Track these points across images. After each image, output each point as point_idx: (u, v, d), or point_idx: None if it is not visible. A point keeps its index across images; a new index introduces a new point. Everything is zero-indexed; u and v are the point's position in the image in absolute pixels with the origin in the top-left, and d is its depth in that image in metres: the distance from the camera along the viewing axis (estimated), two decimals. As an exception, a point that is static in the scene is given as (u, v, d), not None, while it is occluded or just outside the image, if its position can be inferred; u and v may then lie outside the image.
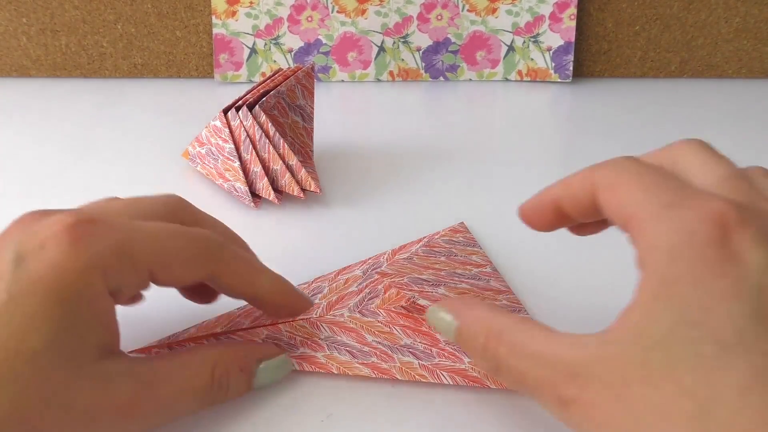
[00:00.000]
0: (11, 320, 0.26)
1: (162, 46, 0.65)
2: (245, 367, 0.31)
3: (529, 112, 0.63)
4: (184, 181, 0.50)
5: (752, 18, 0.65)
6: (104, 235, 0.28)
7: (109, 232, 0.28)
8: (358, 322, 0.35)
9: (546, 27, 0.65)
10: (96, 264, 0.27)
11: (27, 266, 0.27)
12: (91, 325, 0.27)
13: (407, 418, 0.31)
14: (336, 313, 0.36)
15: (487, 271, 0.39)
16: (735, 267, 0.24)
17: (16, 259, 0.27)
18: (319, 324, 0.35)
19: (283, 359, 0.32)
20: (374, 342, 0.34)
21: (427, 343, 0.34)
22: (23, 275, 0.27)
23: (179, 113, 0.60)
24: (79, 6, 0.63)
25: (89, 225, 0.28)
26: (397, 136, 0.57)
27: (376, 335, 0.34)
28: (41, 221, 0.28)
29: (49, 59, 0.65)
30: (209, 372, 0.30)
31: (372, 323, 0.35)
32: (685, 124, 0.60)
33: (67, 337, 0.26)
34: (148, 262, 0.29)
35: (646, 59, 0.67)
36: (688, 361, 0.23)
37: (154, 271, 0.29)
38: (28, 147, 0.55)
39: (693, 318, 0.23)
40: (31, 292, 0.26)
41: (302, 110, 0.50)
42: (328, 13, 0.64)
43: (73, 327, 0.27)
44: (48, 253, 0.27)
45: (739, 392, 0.22)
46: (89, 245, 0.27)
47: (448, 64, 0.66)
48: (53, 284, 0.27)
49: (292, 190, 0.47)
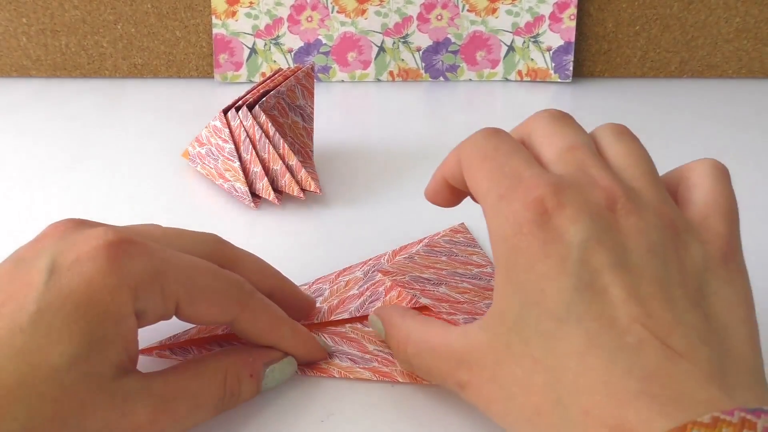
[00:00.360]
0: (36, 333, 0.26)
1: (162, 46, 0.65)
2: (254, 372, 0.31)
3: (529, 112, 0.62)
4: (184, 181, 0.50)
5: (752, 18, 0.65)
6: (141, 257, 0.28)
7: (146, 255, 0.28)
8: (359, 332, 0.35)
9: (546, 27, 0.65)
10: (129, 284, 0.27)
11: (60, 278, 0.27)
12: (114, 344, 0.27)
13: (407, 418, 0.31)
14: (338, 317, 0.36)
15: (488, 272, 0.39)
16: (557, 246, 0.26)
17: (50, 268, 0.27)
18: (321, 334, 0.35)
19: (288, 361, 0.32)
20: (375, 350, 0.34)
21: None
22: (55, 287, 0.26)
23: (179, 113, 0.60)
24: (79, 6, 0.63)
25: (128, 245, 0.28)
26: (397, 137, 0.57)
27: (378, 344, 0.35)
28: (81, 232, 0.28)
29: (49, 59, 0.65)
30: (221, 382, 0.30)
31: (373, 333, 0.35)
32: (685, 124, 0.60)
33: (90, 354, 0.26)
34: (178, 293, 0.29)
35: (646, 59, 0.67)
36: (536, 337, 0.26)
37: (180, 303, 0.29)
38: (28, 147, 0.55)
39: (533, 299, 0.26)
40: (60, 306, 0.26)
41: (302, 110, 0.50)
42: (328, 13, 0.64)
43: (96, 345, 0.26)
44: (83, 267, 0.27)
45: (578, 358, 0.24)
46: (125, 265, 0.27)
47: (448, 64, 0.66)
48: (83, 299, 0.26)
49: (292, 190, 0.47)
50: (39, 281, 0.26)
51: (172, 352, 0.34)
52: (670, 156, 0.56)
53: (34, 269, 0.27)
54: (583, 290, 0.25)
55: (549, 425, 0.25)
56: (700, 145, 0.56)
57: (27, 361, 0.25)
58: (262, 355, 0.32)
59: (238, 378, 0.30)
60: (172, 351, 0.34)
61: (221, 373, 0.30)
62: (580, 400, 0.24)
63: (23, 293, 0.26)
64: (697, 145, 0.56)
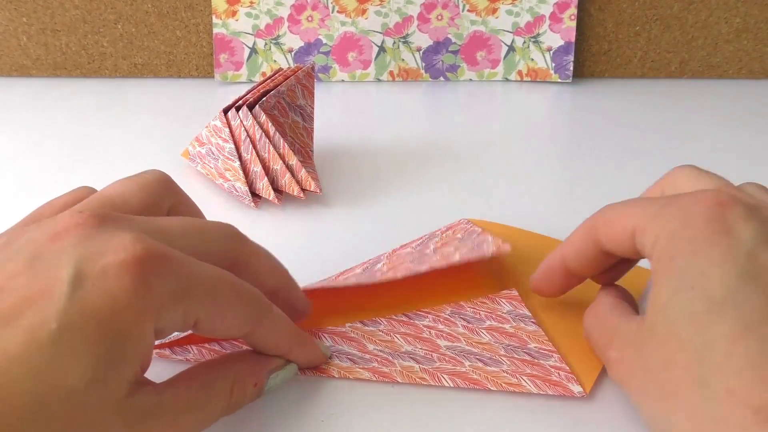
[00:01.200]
0: (56, 352, 0.24)
1: (162, 46, 0.65)
2: (259, 381, 0.31)
3: (530, 112, 0.63)
4: (184, 180, 0.50)
5: (752, 18, 0.65)
6: (168, 277, 0.27)
7: (173, 274, 0.27)
8: (359, 331, 0.35)
9: (546, 27, 0.65)
10: (154, 306, 0.26)
11: (84, 293, 0.25)
12: (132, 363, 0.26)
13: (407, 419, 0.31)
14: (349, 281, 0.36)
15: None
16: (727, 237, 0.27)
17: (73, 280, 0.25)
18: (321, 334, 0.35)
19: (290, 367, 0.32)
20: (375, 350, 0.34)
21: (428, 349, 0.34)
22: (78, 303, 0.25)
23: (179, 113, 0.60)
24: (79, 5, 0.63)
25: (156, 262, 0.27)
26: (397, 136, 0.57)
27: (377, 344, 0.35)
28: (108, 236, 0.27)
29: (49, 59, 0.65)
30: (228, 392, 0.30)
31: (373, 332, 0.35)
32: (686, 124, 0.60)
33: (107, 376, 0.25)
34: (199, 312, 0.28)
35: (647, 59, 0.67)
36: (683, 318, 0.27)
37: (199, 321, 0.28)
38: (28, 147, 0.55)
39: (689, 283, 0.27)
40: (83, 325, 0.25)
41: (302, 110, 0.50)
42: (328, 13, 0.64)
43: (115, 366, 0.25)
44: (108, 283, 0.26)
45: (731, 341, 0.25)
46: (152, 285, 0.26)
47: (448, 64, 0.66)
48: (107, 319, 0.25)
49: (292, 190, 0.47)
50: (61, 293, 0.25)
51: (172, 351, 0.34)
52: (670, 156, 0.56)
53: (55, 276, 0.25)
54: (748, 280, 0.26)
55: (689, 402, 0.26)
56: (701, 146, 0.56)
57: (44, 381, 0.24)
58: (267, 363, 0.32)
59: (243, 387, 0.30)
60: (171, 350, 0.34)
61: (229, 383, 0.30)
62: (726, 380, 0.25)
63: (43, 304, 0.25)
64: (698, 146, 0.56)
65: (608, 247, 0.32)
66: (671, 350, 0.27)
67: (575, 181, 0.52)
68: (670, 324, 0.27)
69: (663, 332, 0.27)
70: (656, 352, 0.27)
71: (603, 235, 0.32)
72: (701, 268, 0.27)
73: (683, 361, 0.26)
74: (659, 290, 0.28)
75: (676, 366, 0.26)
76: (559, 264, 0.34)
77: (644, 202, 0.31)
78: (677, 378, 0.26)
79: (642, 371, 0.28)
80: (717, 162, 0.54)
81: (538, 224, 0.43)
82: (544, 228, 0.43)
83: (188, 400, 0.28)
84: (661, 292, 0.28)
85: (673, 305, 0.27)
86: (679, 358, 0.26)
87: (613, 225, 0.31)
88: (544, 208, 0.48)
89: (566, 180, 0.52)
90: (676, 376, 0.26)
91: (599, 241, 0.32)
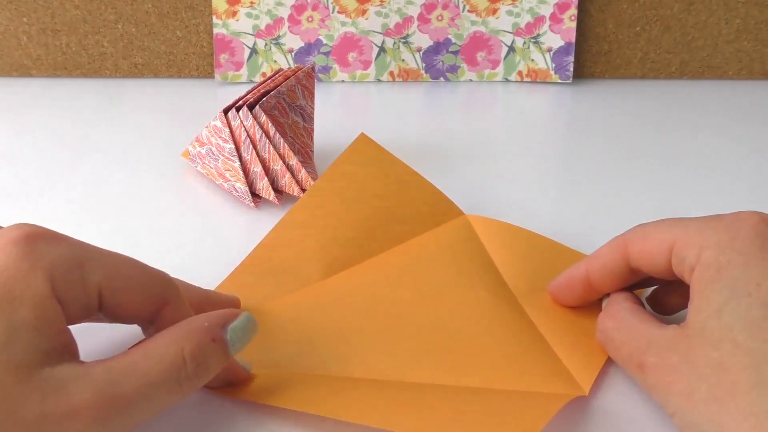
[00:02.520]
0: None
1: (162, 46, 0.65)
2: (216, 336, 0.29)
3: (530, 112, 0.63)
4: (184, 181, 0.50)
5: (752, 19, 0.65)
6: (57, 244, 0.27)
7: (64, 243, 0.28)
8: None
9: (546, 28, 0.65)
10: (43, 267, 0.26)
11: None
12: (39, 330, 0.26)
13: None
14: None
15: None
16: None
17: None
18: None
19: (246, 316, 0.30)
20: None
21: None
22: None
23: (179, 113, 0.60)
24: (79, 6, 0.63)
25: (46, 234, 0.28)
26: (397, 137, 0.57)
27: None
28: (3, 228, 0.28)
29: (49, 59, 0.65)
30: (178, 353, 0.28)
31: None
32: (686, 125, 0.60)
33: (12, 343, 0.25)
34: (99, 281, 0.28)
35: (647, 60, 0.67)
36: (740, 323, 0.28)
37: (103, 292, 0.28)
38: (29, 146, 0.55)
39: (744, 291, 0.28)
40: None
41: (302, 110, 0.50)
42: (328, 14, 0.64)
43: (17, 332, 0.25)
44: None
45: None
46: (40, 250, 0.27)
47: (448, 64, 0.66)
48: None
49: (292, 190, 0.47)
50: None
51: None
52: (670, 157, 0.56)
53: None
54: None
55: (743, 404, 0.26)
56: (701, 146, 0.56)
57: None
58: (217, 317, 0.30)
59: (199, 346, 0.28)
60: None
61: (175, 345, 0.28)
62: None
63: None
64: (698, 146, 0.56)
65: (637, 264, 0.33)
66: (726, 353, 0.27)
67: (575, 181, 0.52)
68: (724, 328, 0.28)
69: (716, 336, 0.28)
70: (708, 355, 0.28)
71: (635, 251, 0.33)
72: (756, 278, 0.28)
73: (740, 363, 0.27)
74: (710, 296, 0.29)
75: (732, 369, 0.27)
76: (582, 276, 0.35)
77: (683, 221, 0.32)
78: (733, 380, 0.27)
79: (688, 375, 0.28)
80: (717, 162, 0.54)
81: (538, 224, 0.43)
82: (544, 228, 0.43)
83: (124, 367, 0.27)
84: (712, 297, 0.29)
85: (729, 311, 0.28)
86: (735, 361, 0.27)
87: (648, 240, 0.32)
88: (544, 209, 0.48)
89: (566, 180, 0.52)
90: (732, 379, 0.27)
91: (628, 257, 0.33)
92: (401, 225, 0.42)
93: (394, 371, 0.33)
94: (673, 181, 0.51)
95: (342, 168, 0.43)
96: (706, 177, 0.52)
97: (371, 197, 0.42)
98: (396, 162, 0.45)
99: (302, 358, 0.34)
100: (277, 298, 0.37)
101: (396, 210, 0.42)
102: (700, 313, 0.29)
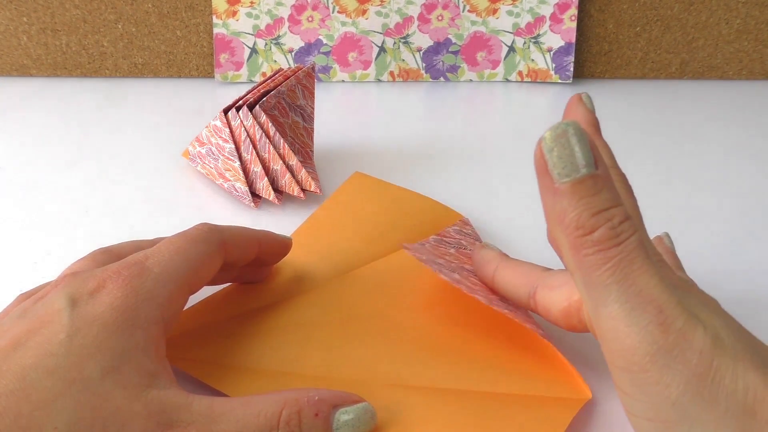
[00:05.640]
0: (69, 354, 0.27)
1: (162, 46, 0.65)
2: (320, 412, 0.28)
3: (530, 113, 0.63)
4: (185, 180, 0.50)
5: (753, 19, 0.65)
6: (146, 274, 0.30)
7: (147, 271, 0.31)
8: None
9: (547, 28, 0.65)
10: (147, 297, 0.29)
11: (82, 308, 0.28)
12: (146, 351, 0.28)
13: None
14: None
15: None
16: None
17: (69, 305, 0.28)
18: None
19: (364, 407, 0.29)
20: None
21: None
22: (79, 315, 0.28)
23: (179, 113, 0.60)
24: (79, 5, 0.63)
25: (130, 268, 0.30)
26: (398, 137, 0.57)
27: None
28: (90, 273, 0.30)
29: (49, 58, 0.65)
30: (276, 412, 0.28)
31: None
32: (686, 125, 0.60)
33: (123, 365, 0.27)
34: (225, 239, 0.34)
35: (647, 60, 0.67)
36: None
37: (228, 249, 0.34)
38: (28, 146, 0.55)
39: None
40: (88, 329, 0.28)
41: (302, 110, 0.50)
42: (328, 13, 0.64)
43: (127, 354, 0.28)
44: (102, 296, 0.29)
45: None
46: (138, 284, 0.30)
47: (448, 64, 0.66)
48: (110, 319, 0.28)
49: (292, 190, 0.47)
50: (62, 315, 0.28)
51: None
52: (670, 157, 0.56)
53: (51, 309, 0.28)
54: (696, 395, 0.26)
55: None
56: (701, 147, 0.56)
57: (62, 378, 0.26)
58: (329, 395, 0.29)
59: (299, 414, 0.28)
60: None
61: (276, 405, 0.28)
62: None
63: (47, 328, 0.28)
64: (698, 147, 0.56)
65: (534, 308, 0.34)
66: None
67: (575, 181, 0.51)
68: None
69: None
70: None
71: (539, 297, 0.34)
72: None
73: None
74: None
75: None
76: (489, 278, 0.36)
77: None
78: None
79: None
80: (717, 162, 0.54)
81: (537, 224, 0.43)
82: (544, 228, 0.43)
83: (225, 409, 0.28)
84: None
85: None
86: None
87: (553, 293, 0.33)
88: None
89: (566, 181, 0.52)
90: None
91: (534, 297, 0.34)
92: (402, 233, 0.42)
93: (397, 375, 0.33)
94: (673, 181, 0.51)
95: (339, 198, 0.45)
96: (706, 177, 0.52)
97: (370, 214, 0.43)
98: (392, 186, 0.46)
99: (309, 361, 0.34)
100: (277, 299, 0.37)
101: (396, 221, 0.42)
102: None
